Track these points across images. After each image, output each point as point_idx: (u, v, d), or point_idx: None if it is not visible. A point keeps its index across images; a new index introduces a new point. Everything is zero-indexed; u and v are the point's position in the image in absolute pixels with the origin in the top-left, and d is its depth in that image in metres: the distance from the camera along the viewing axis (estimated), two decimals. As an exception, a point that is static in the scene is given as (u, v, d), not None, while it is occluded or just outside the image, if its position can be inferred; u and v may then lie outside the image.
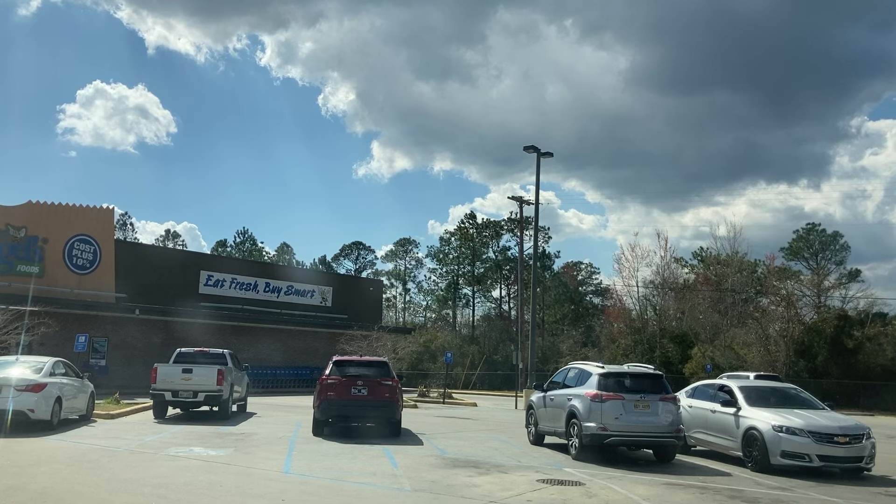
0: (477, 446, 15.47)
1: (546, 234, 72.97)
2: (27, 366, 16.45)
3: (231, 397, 20.56)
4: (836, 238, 66.33)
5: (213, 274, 41.72)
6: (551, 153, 34.47)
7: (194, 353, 21.24)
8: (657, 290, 53.86)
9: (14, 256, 32.01)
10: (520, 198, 41.68)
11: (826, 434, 12.52)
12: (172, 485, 9.83)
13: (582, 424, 13.45)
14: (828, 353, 37.91)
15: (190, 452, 13.06)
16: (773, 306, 42.77)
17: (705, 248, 65.03)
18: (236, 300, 41.59)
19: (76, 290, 33.09)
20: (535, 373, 32.34)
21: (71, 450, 13.11)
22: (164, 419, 19.45)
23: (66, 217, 33.70)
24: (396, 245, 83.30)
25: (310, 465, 12.14)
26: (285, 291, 45.10)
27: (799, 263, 64.33)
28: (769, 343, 37.84)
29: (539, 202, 35.02)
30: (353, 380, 16.63)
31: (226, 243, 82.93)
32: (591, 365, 15.16)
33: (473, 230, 76.56)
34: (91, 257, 34.26)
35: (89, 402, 18.40)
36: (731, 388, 14.52)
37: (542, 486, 10.69)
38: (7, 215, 32.12)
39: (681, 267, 61.15)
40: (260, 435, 16.36)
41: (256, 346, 38.95)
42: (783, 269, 58.05)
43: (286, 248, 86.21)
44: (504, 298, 75.62)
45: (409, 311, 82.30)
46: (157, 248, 62.63)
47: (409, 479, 10.93)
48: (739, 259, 53.68)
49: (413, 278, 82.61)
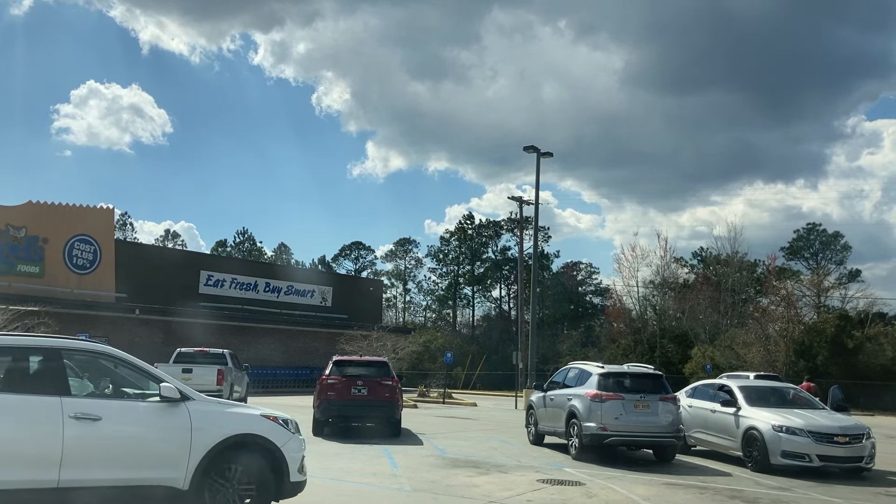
0: (477, 446, 15.47)
1: (545, 234, 73.06)
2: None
3: (231, 397, 20.58)
4: (836, 238, 66.35)
5: (213, 274, 41.74)
6: (551, 153, 34.45)
7: (194, 352, 21.28)
8: (657, 290, 53.87)
9: (14, 256, 32.03)
10: (519, 198, 41.70)
11: (826, 434, 12.52)
12: (172, 485, 9.81)
13: (582, 424, 13.45)
14: (828, 353, 37.88)
15: (190, 452, 13.03)
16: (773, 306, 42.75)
17: (705, 248, 65.12)
18: (236, 300, 41.59)
19: (76, 290, 33.10)
20: (535, 373, 32.34)
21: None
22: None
23: (66, 217, 33.71)
24: (396, 245, 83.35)
25: (310, 465, 12.07)
26: (285, 291, 45.11)
27: (799, 263, 64.34)
28: (769, 343, 37.81)
29: (539, 202, 35.00)
30: (353, 380, 16.63)
31: (225, 243, 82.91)
32: (591, 365, 15.16)
33: (472, 230, 76.58)
34: (91, 257, 34.27)
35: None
36: (730, 387, 14.52)
37: (542, 486, 10.69)
38: (7, 215, 32.13)
39: (681, 267, 61.15)
40: (260, 435, 16.33)
41: (256, 346, 38.94)
42: (783, 268, 58.02)
43: (285, 249, 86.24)
44: (504, 298, 75.69)
45: (409, 311, 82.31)
46: (156, 248, 62.63)
47: (409, 479, 10.93)
48: (739, 259, 53.66)
49: (413, 278, 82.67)
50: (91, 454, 6.58)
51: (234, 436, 7.19)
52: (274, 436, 7.42)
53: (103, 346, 7.57)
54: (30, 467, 6.35)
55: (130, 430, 6.86)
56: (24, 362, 6.84)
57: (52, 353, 6.82)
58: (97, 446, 6.62)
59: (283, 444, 7.42)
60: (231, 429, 7.21)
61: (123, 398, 7.11)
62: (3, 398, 6.45)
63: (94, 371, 7.35)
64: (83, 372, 7.27)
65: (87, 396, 6.95)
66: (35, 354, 6.89)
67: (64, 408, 6.50)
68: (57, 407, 6.48)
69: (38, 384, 6.70)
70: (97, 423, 6.59)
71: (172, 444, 6.92)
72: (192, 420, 7.02)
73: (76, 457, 6.47)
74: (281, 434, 7.51)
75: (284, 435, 7.54)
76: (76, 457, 6.47)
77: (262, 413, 7.67)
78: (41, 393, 6.58)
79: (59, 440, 6.40)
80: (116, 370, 7.23)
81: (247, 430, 7.32)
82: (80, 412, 6.54)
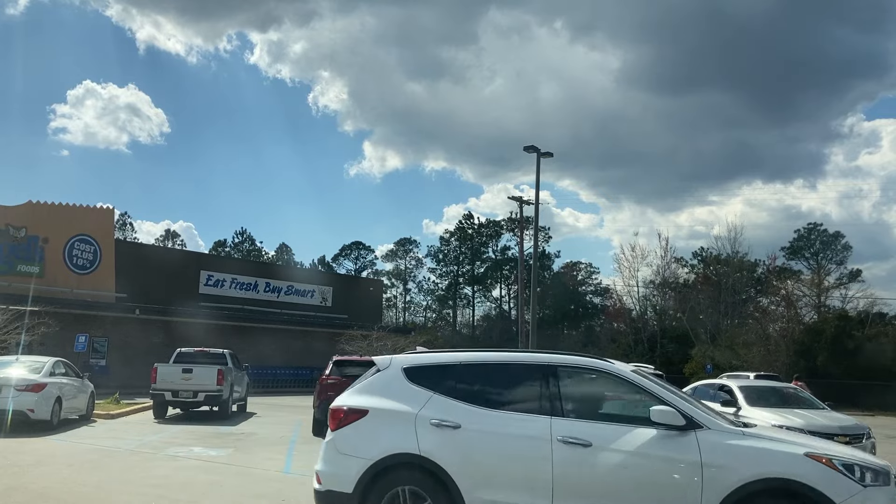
0: (477, 446, 15.45)
1: (546, 235, 73.09)
2: (27, 366, 16.45)
3: (231, 397, 20.56)
4: (836, 238, 66.32)
5: (213, 274, 41.74)
6: (551, 153, 34.46)
7: (194, 353, 21.23)
8: (657, 290, 53.89)
9: (14, 256, 32.02)
10: (519, 198, 41.74)
11: (826, 434, 12.48)
12: (172, 485, 9.82)
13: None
14: (828, 353, 37.90)
15: (190, 452, 13.05)
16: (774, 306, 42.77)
17: (705, 248, 65.10)
18: (236, 300, 41.59)
19: (76, 290, 33.09)
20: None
21: (71, 450, 13.10)
22: (164, 419, 19.44)
23: (66, 217, 33.71)
24: (396, 245, 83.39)
25: (310, 465, 12.04)
26: (285, 291, 45.11)
27: (800, 263, 64.33)
28: (769, 343, 37.85)
29: (539, 202, 35.02)
30: (352, 380, 16.53)
31: (225, 244, 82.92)
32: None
33: (473, 230, 76.61)
34: (91, 257, 34.26)
35: (89, 402, 18.39)
36: (731, 387, 14.51)
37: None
38: (7, 215, 32.13)
39: (681, 267, 61.16)
40: (260, 435, 16.35)
41: (256, 346, 38.89)
42: (784, 268, 58.02)
43: (285, 249, 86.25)
44: (504, 298, 75.70)
45: (409, 311, 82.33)
46: (156, 248, 62.62)
47: (409, 479, 10.92)
48: (740, 259, 53.64)
49: (413, 278, 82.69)
50: (581, 485, 5.87)
51: (760, 480, 5.44)
52: (825, 486, 5.32)
53: (605, 362, 6.61)
54: (522, 491, 5.94)
55: (622, 460, 5.82)
56: (518, 378, 6.50)
57: (547, 369, 6.36)
58: (587, 477, 5.87)
59: (842, 502, 5.33)
60: (756, 470, 5.49)
61: (616, 422, 6.09)
62: (498, 415, 6.18)
63: (587, 389, 6.57)
64: (575, 390, 6.48)
65: (576, 418, 6.14)
66: (530, 370, 6.49)
67: (553, 429, 5.97)
68: (546, 428, 5.98)
69: (529, 402, 6.25)
70: (587, 449, 5.86)
71: (674, 484, 5.66)
72: (702, 454, 5.63)
73: (566, 486, 5.84)
74: (837, 485, 5.35)
75: (843, 486, 5.37)
76: (566, 486, 5.84)
77: (806, 451, 5.61)
78: (532, 411, 6.14)
79: (549, 464, 5.86)
80: (615, 390, 6.44)
81: (780, 472, 5.47)
82: (570, 436, 5.92)
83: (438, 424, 6.17)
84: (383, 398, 6.50)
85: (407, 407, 6.34)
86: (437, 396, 6.36)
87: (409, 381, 6.54)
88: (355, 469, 6.18)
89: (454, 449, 6.10)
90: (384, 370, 6.78)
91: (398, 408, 6.37)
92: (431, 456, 6.09)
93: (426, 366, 6.70)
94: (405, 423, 6.25)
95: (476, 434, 6.11)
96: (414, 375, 6.58)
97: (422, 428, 6.19)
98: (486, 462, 6.04)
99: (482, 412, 6.20)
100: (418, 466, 6.12)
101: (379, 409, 6.43)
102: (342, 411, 6.53)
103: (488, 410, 6.20)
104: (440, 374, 6.55)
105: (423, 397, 6.37)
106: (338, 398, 6.88)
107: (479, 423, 6.14)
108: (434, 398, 6.35)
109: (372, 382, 6.75)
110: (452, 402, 6.30)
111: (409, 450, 6.15)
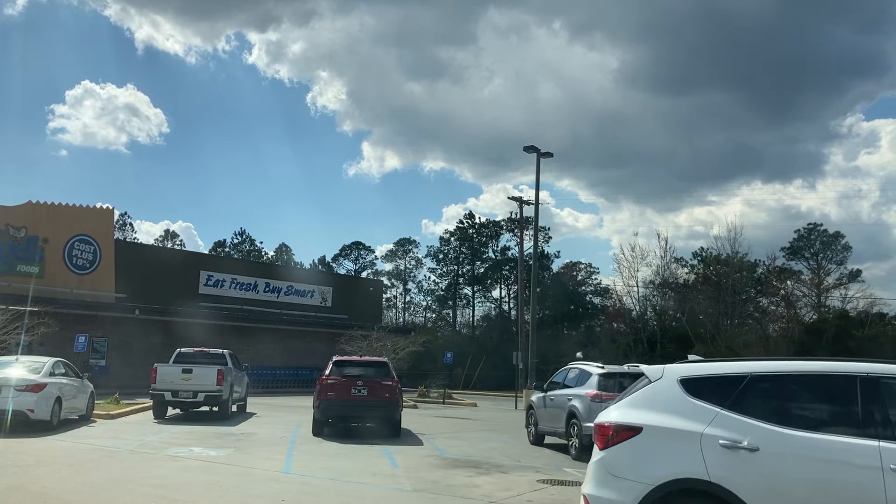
0: (477, 446, 15.46)
1: (546, 235, 73.04)
2: (27, 366, 16.46)
3: (231, 397, 20.57)
4: (837, 238, 66.26)
5: (212, 274, 41.73)
6: (551, 153, 34.48)
7: (194, 353, 21.24)
8: (657, 290, 53.87)
9: (14, 256, 32.01)
10: (519, 198, 41.72)
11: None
12: (172, 485, 9.83)
13: (582, 424, 13.45)
14: (828, 353, 37.88)
15: (190, 453, 13.06)
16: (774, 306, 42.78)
17: (705, 248, 65.04)
18: (236, 300, 41.58)
19: (76, 290, 33.08)
20: (535, 373, 32.35)
21: (71, 450, 13.10)
22: (164, 419, 19.46)
23: (66, 217, 33.71)
24: (396, 245, 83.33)
25: (310, 465, 12.14)
26: (285, 291, 45.10)
27: (800, 263, 64.30)
28: (769, 343, 37.86)
29: (539, 202, 35.02)
30: (352, 380, 16.63)
31: (224, 244, 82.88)
32: (591, 365, 15.18)
33: (473, 230, 76.60)
34: (91, 257, 34.26)
35: (89, 402, 18.40)
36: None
37: (543, 487, 10.68)
38: (7, 215, 32.13)
39: (681, 267, 61.12)
40: (260, 435, 16.36)
41: (256, 346, 38.91)
42: (783, 268, 58.01)
43: (285, 249, 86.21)
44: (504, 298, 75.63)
45: (409, 311, 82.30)
46: (156, 248, 62.59)
47: (409, 479, 10.93)
48: (740, 259, 53.62)
49: (413, 278, 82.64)
50: None
51: None
52: None
53: None
54: None
55: None
56: (828, 391, 5.59)
57: (866, 380, 5.36)
58: None
59: None
60: None
61: None
62: (805, 437, 5.25)
63: None
64: None
65: None
66: (842, 382, 5.48)
67: (883, 457, 4.97)
68: (873, 454, 5.00)
69: (845, 421, 5.34)
70: None
71: None
72: None
73: None
74: None
75: None
76: None
77: None
78: (851, 434, 5.17)
79: (882, 499, 4.89)
80: None
81: None
82: None
83: (730, 446, 5.35)
84: (658, 413, 5.76)
85: (689, 425, 5.56)
86: (725, 413, 5.52)
87: (687, 395, 5.75)
88: (633, 494, 5.51)
89: (753, 476, 5.25)
90: (655, 381, 6.01)
91: (678, 425, 5.61)
92: (723, 482, 5.27)
93: (709, 377, 5.88)
94: (688, 443, 5.48)
95: (779, 459, 5.24)
96: (693, 388, 5.78)
97: (709, 450, 5.39)
98: (795, 494, 5.14)
99: (785, 433, 5.30)
100: (706, 493, 5.35)
101: (655, 426, 5.69)
102: (611, 428, 5.85)
103: (792, 431, 5.30)
104: (727, 387, 5.69)
105: (708, 414, 5.56)
106: (602, 413, 6.26)
107: (783, 447, 5.26)
108: (721, 415, 5.52)
109: (644, 395, 5.99)
110: (745, 420, 5.44)
111: (695, 475, 5.38)
